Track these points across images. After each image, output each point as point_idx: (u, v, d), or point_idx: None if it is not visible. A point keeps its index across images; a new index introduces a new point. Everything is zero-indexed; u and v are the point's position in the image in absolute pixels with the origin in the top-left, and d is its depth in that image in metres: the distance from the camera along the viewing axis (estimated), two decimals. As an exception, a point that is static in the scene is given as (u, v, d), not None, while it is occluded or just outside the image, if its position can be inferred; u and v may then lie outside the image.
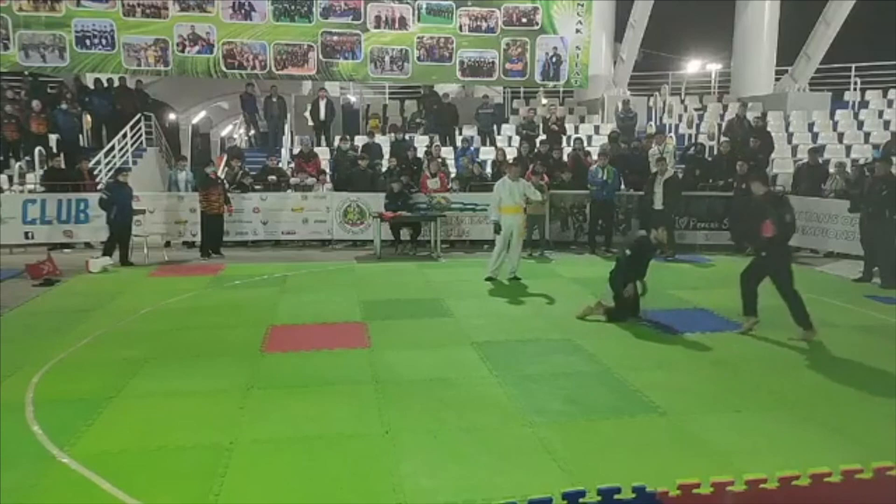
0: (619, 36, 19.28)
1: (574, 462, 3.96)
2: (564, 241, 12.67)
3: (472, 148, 15.46)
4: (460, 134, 16.17)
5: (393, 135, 15.90)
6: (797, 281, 6.50)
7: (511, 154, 14.55)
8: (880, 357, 6.02)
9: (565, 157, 13.69)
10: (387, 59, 14.45)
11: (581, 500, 2.74)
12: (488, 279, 9.27)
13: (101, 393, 5.06)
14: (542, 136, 15.40)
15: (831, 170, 12.38)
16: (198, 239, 11.80)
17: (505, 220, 9.24)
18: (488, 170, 13.70)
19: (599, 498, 2.74)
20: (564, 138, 16.07)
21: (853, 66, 18.12)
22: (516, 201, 9.31)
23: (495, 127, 16.81)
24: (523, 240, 11.67)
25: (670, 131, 16.44)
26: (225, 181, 12.19)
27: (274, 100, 15.81)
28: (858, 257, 10.04)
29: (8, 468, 3.88)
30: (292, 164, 14.14)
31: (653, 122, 17.55)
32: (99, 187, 11.43)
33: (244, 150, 16.14)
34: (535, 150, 14.07)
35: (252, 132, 17.54)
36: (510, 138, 16.66)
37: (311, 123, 16.16)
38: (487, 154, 15.17)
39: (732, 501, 2.81)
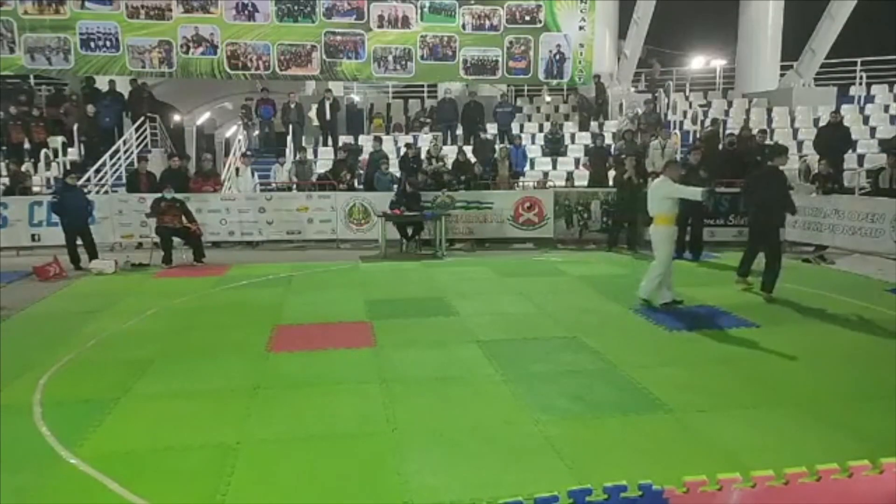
0: (622, 33, 19.24)
1: (580, 460, 3.96)
2: (569, 239, 12.65)
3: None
4: (485, 133, 16.03)
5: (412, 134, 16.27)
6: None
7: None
8: (890, 353, 5.98)
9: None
10: (390, 58, 14.44)
11: (587, 498, 2.72)
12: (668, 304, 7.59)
13: (109, 394, 5.08)
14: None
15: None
16: (202, 239, 11.75)
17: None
18: None
19: (605, 496, 2.72)
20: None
21: (859, 60, 18.02)
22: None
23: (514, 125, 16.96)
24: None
25: (675, 128, 16.39)
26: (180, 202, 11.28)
27: (292, 106, 16.12)
28: (866, 253, 9.99)
29: (16, 469, 3.90)
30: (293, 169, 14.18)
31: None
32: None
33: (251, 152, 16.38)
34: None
35: (256, 133, 17.68)
36: (533, 136, 16.91)
37: (316, 123, 16.25)
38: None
39: (739, 499, 2.79)
